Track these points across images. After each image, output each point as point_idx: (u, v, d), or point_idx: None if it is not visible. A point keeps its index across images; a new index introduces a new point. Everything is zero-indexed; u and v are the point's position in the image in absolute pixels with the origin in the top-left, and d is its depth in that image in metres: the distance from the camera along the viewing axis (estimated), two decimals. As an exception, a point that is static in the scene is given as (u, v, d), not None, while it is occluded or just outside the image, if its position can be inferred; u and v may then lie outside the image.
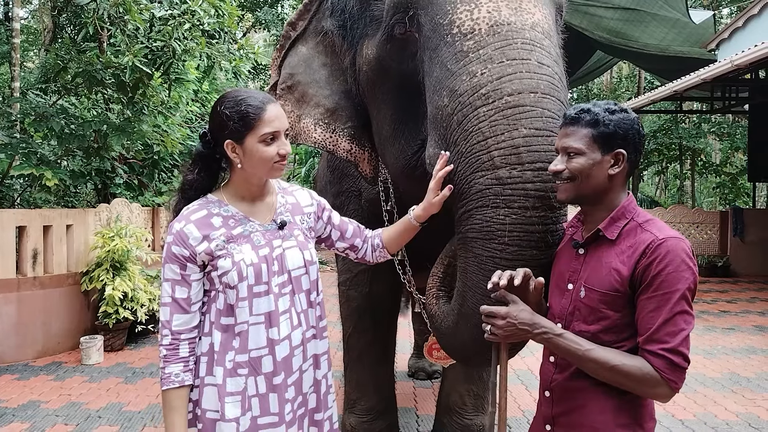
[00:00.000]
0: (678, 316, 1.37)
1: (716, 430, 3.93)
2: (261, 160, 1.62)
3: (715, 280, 10.73)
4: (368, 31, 2.16)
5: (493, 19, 1.68)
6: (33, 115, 5.70)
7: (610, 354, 1.40)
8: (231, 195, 1.71)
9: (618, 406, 1.46)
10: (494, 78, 1.60)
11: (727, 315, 7.77)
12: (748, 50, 7.60)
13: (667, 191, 21.68)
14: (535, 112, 1.55)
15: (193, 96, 9.13)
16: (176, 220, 1.64)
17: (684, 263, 1.38)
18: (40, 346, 5.44)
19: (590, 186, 1.47)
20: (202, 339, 1.65)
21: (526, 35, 1.66)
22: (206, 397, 1.61)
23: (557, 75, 1.66)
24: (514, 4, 1.70)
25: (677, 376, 1.37)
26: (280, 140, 1.63)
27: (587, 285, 1.49)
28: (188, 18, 5.10)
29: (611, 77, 21.41)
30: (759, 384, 4.89)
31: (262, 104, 1.61)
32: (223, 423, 1.58)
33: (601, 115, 1.43)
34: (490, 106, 1.58)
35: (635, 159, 1.48)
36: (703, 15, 12.30)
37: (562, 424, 1.55)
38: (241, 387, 1.61)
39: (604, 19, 11.29)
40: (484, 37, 1.67)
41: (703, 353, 5.83)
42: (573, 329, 1.49)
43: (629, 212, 1.49)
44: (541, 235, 1.57)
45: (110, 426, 3.90)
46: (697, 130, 15.89)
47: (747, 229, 11.27)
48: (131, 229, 5.92)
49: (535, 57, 1.62)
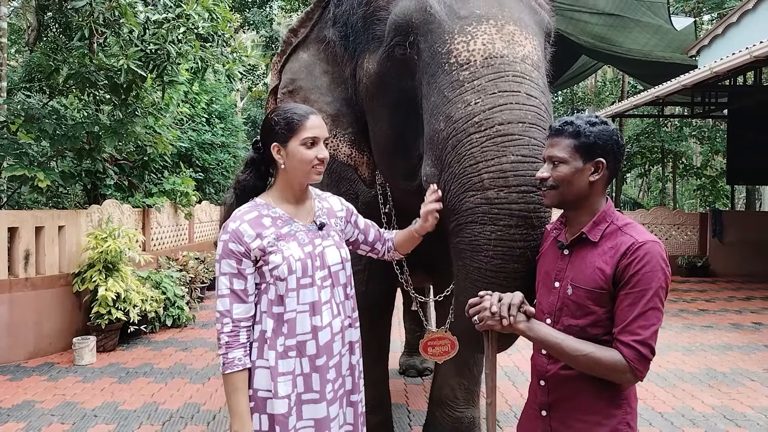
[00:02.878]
0: (650, 312, 1.51)
1: (694, 422, 4.09)
2: (301, 162, 1.82)
3: (695, 279, 11.01)
4: (370, 46, 2.29)
5: (487, 51, 1.84)
6: (23, 116, 5.73)
7: (584, 344, 1.55)
8: (276, 198, 1.90)
9: (609, 390, 1.61)
10: (487, 108, 1.76)
11: (706, 313, 7.99)
12: (726, 58, 7.82)
13: (650, 193, 22.03)
14: (522, 140, 1.72)
15: (183, 97, 9.18)
16: (231, 221, 1.81)
17: (659, 264, 1.53)
18: (32, 347, 5.46)
19: (572, 192, 1.61)
20: (255, 326, 1.83)
21: (517, 68, 1.82)
22: (258, 378, 1.79)
23: (543, 105, 1.82)
24: (506, 36, 1.86)
25: (643, 365, 1.51)
26: (319, 146, 1.84)
27: (574, 283, 1.62)
28: (183, 22, 5.17)
29: (596, 81, 21.71)
30: (734, 378, 5.08)
31: (305, 114, 1.84)
32: (276, 400, 1.77)
33: (582, 127, 1.58)
34: (482, 134, 1.74)
35: (614, 167, 1.63)
36: (685, 22, 12.53)
37: (559, 409, 1.69)
38: (291, 368, 1.80)
39: (589, 25, 11.48)
40: (478, 69, 1.83)
41: (683, 350, 6.02)
42: (562, 324, 1.63)
43: (609, 216, 1.64)
44: (523, 250, 1.72)
45: (107, 425, 3.95)
46: (678, 134, 16.20)
47: (725, 230, 11.55)
48: (124, 230, 5.96)
49: (524, 89, 1.79)
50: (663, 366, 5.42)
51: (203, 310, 7.80)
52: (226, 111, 12.29)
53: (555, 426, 1.69)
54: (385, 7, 2.21)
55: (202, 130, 11.07)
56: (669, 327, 7.07)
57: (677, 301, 8.91)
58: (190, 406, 4.31)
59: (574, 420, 1.65)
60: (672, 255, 11.50)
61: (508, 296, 1.60)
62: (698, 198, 18.00)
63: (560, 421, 1.68)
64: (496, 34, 1.86)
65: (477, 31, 1.88)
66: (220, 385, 4.76)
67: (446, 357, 2.71)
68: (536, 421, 1.75)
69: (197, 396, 4.52)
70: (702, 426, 4.02)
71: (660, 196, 19.07)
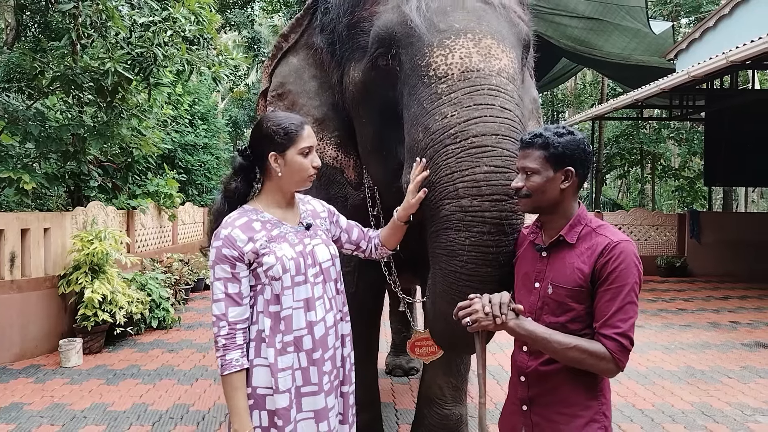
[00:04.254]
0: (628, 306, 1.63)
1: (673, 418, 4.21)
2: (299, 171, 1.91)
3: (674, 279, 11.20)
4: (355, 54, 2.37)
5: (464, 65, 1.93)
6: (6, 119, 5.70)
7: (570, 338, 1.65)
8: (264, 204, 1.97)
9: (585, 384, 1.72)
10: (462, 120, 1.85)
11: (684, 313, 8.17)
12: (703, 62, 8.02)
13: (629, 194, 22.33)
14: (495, 151, 1.81)
15: (167, 99, 9.16)
16: (222, 227, 1.87)
17: (633, 262, 1.65)
18: (18, 349, 5.44)
19: (546, 199, 1.72)
20: (251, 327, 1.89)
21: (493, 81, 1.91)
22: (256, 376, 1.85)
23: (517, 118, 1.91)
24: (484, 50, 1.95)
25: (624, 356, 1.62)
26: (313, 154, 1.93)
27: (554, 283, 1.72)
28: (169, 25, 5.19)
29: (576, 84, 21.96)
30: (712, 376, 5.22)
31: (301, 124, 1.92)
32: (278, 395, 1.84)
33: (551, 139, 1.68)
34: (457, 145, 1.84)
35: (583, 173, 1.74)
36: (663, 26, 12.76)
37: (539, 403, 1.78)
38: (290, 363, 1.87)
39: (568, 28, 11.64)
40: (456, 82, 1.92)
41: (662, 348, 6.16)
42: (543, 322, 1.73)
43: (584, 219, 1.75)
44: (495, 255, 1.82)
45: (96, 425, 3.97)
46: (657, 136, 16.44)
47: (703, 231, 11.77)
48: (110, 232, 5.96)
49: (499, 102, 1.88)
50: (643, 364, 5.55)
51: (188, 312, 7.80)
52: (209, 112, 12.28)
53: (535, 420, 1.78)
54: (369, 18, 2.28)
55: (185, 131, 11.05)
56: (648, 326, 7.23)
57: (656, 300, 9.10)
58: (179, 406, 4.34)
59: (554, 413, 1.74)
60: (651, 255, 11.70)
61: (497, 296, 1.68)
62: (676, 199, 18.31)
63: (540, 414, 1.77)
64: (474, 47, 1.94)
65: (455, 45, 1.96)
66: (208, 386, 4.79)
67: (433, 357, 2.78)
68: (517, 415, 1.84)
69: (186, 397, 4.54)
70: (681, 422, 4.13)
71: (639, 197, 19.37)
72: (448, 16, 2.02)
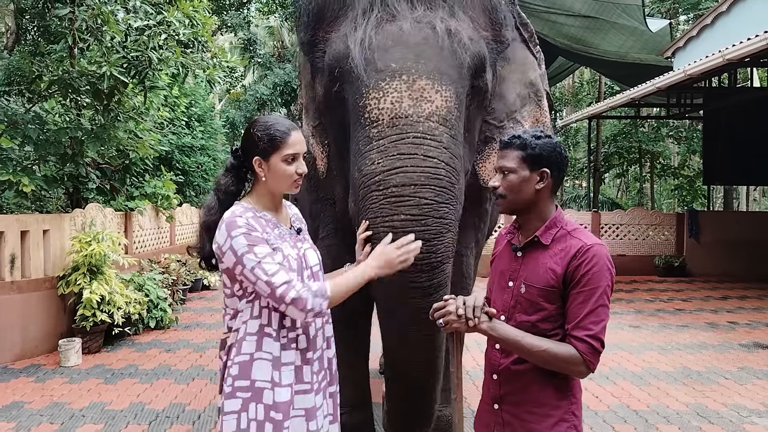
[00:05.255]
0: (600, 308, 1.67)
1: (668, 419, 4.22)
2: (282, 177, 1.91)
3: (672, 279, 11.18)
4: (318, 71, 2.47)
5: (394, 111, 2.02)
6: (6, 122, 5.74)
7: (541, 341, 1.69)
8: (260, 205, 1.97)
9: (555, 383, 1.76)
10: (386, 169, 1.99)
11: (682, 313, 8.16)
12: (700, 60, 8.02)
13: (628, 193, 22.32)
14: (412, 201, 1.95)
15: (163, 101, 9.19)
16: (235, 217, 1.85)
17: (606, 265, 1.70)
18: (19, 349, 5.49)
19: (521, 199, 1.78)
20: (250, 322, 1.89)
21: (419, 128, 2.00)
22: (256, 370, 1.86)
23: (442, 162, 2.00)
24: (416, 93, 2.01)
25: (595, 358, 1.66)
26: (298, 161, 1.92)
27: (527, 282, 1.77)
28: (164, 28, 5.22)
29: (573, 82, 21.94)
30: (708, 377, 5.22)
31: (287, 130, 1.90)
32: (279, 388, 1.86)
33: (528, 140, 1.74)
34: (380, 193, 1.99)
35: (558, 176, 1.79)
36: (660, 23, 12.76)
37: (509, 402, 1.82)
38: (292, 359, 1.90)
39: (564, 26, 11.66)
40: (384, 128, 2.03)
41: (658, 349, 6.17)
42: (515, 320, 1.78)
43: (560, 222, 1.80)
44: (415, 289, 2.00)
45: (94, 424, 4.01)
46: (655, 134, 16.41)
47: (702, 230, 11.74)
48: (107, 234, 6.00)
49: (422, 151, 1.98)
50: (638, 365, 5.56)
51: (186, 312, 7.84)
52: (205, 114, 12.31)
53: (506, 418, 1.82)
54: (323, 40, 2.36)
55: (182, 133, 11.09)
56: (645, 326, 7.25)
57: (654, 300, 9.10)
58: (175, 406, 4.38)
59: (524, 412, 1.78)
60: (649, 255, 11.72)
61: (471, 299, 1.74)
62: (676, 198, 18.30)
63: (511, 413, 1.81)
64: (406, 91, 2.01)
65: (389, 88, 2.03)
66: (204, 385, 4.84)
67: None
68: (489, 414, 1.88)
69: (182, 396, 4.58)
70: (676, 423, 4.14)
71: (638, 197, 19.36)
72: (387, 54, 2.08)
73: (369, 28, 2.12)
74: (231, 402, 1.86)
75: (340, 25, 2.29)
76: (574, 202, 18.76)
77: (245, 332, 1.89)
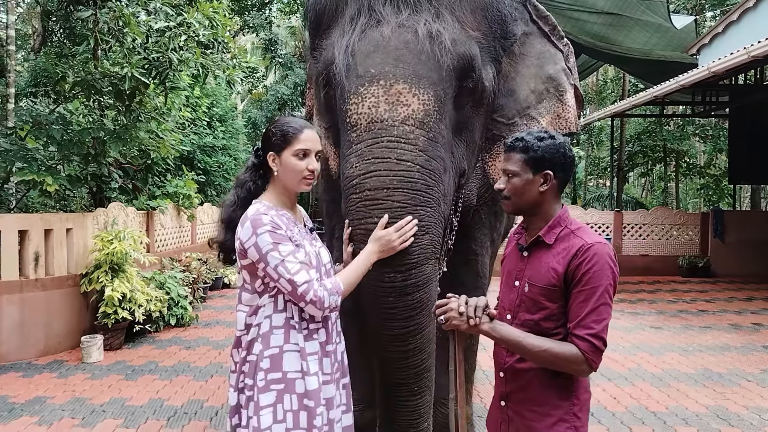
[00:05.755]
0: (601, 307, 1.67)
1: (686, 421, 4.17)
2: (293, 171, 1.97)
3: (696, 280, 11.01)
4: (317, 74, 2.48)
5: (370, 116, 2.05)
6: (31, 123, 5.87)
7: (543, 341, 1.70)
8: (276, 203, 2.04)
9: (558, 383, 1.76)
10: (361, 173, 2.03)
11: (705, 314, 8.04)
12: (724, 57, 7.86)
13: (653, 193, 22.00)
14: (385, 204, 1.99)
15: (185, 101, 9.32)
16: (260, 214, 1.92)
17: (607, 264, 1.69)
18: (42, 345, 5.62)
19: (525, 201, 1.80)
20: (275, 315, 1.95)
21: (394, 132, 2.02)
22: (286, 361, 1.92)
23: (417, 165, 2.02)
24: (392, 98, 2.04)
25: (597, 356, 1.66)
26: (310, 158, 1.98)
27: (530, 281, 1.79)
28: (184, 30, 5.30)
29: (597, 80, 21.69)
30: (730, 379, 5.14)
31: (300, 127, 1.99)
32: (308, 377, 1.92)
33: (531, 143, 1.76)
34: (357, 196, 2.04)
35: (563, 177, 1.80)
36: (685, 20, 12.54)
37: (514, 399, 1.84)
38: (316, 349, 1.98)
39: (587, 24, 11.53)
40: (362, 133, 2.07)
41: (679, 350, 6.09)
42: (519, 319, 1.80)
43: (563, 221, 1.81)
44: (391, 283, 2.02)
45: (114, 419, 4.09)
46: (681, 133, 16.15)
47: (727, 230, 11.54)
48: (129, 233, 6.10)
49: (396, 155, 2.01)
50: (659, 366, 5.49)
51: (206, 310, 7.93)
52: (227, 114, 12.44)
53: (511, 415, 1.84)
54: (319, 47, 2.40)
55: (204, 133, 11.22)
56: (667, 328, 7.15)
57: (677, 301, 8.98)
58: (193, 402, 4.44)
59: (526, 410, 1.79)
60: (673, 255, 11.55)
61: (474, 299, 1.75)
62: (702, 197, 18.00)
63: (515, 410, 1.83)
64: (383, 95, 2.04)
65: (367, 93, 2.06)
66: (222, 382, 4.90)
67: None
68: (497, 411, 1.91)
69: (200, 393, 4.65)
70: (695, 425, 4.09)
71: (663, 196, 19.07)
72: (368, 59, 2.10)
73: (354, 35, 2.16)
74: (266, 396, 1.90)
75: (332, 32, 2.32)
76: (598, 201, 18.52)
77: (271, 326, 1.94)
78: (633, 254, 11.65)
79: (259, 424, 1.88)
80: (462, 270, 3.03)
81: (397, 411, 2.19)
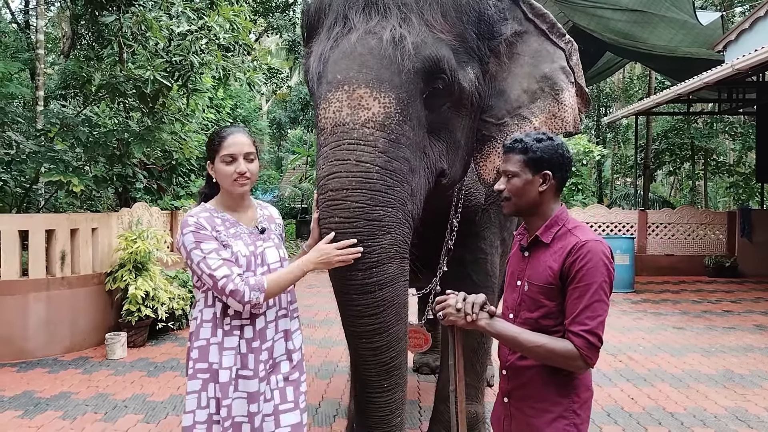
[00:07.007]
0: (596, 304, 1.69)
1: (704, 422, 4.12)
2: (223, 176, 2.15)
3: (722, 280, 10.83)
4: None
5: (334, 120, 2.12)
6: (58, 125, 6.04)
7: (539, 337, 1.73)
8: (221, 205, 2.23)
9: (558, 380, 1.79)
10: (325, 175, 2.11)
11: (730, 315, 7.91)
12: (749, 54, 7.73)
13: (681, 192, 21.63)
14: (344, 205, 2.05)
15: (209, 103, 9.46)
16: (187, 216, 2.13)
17: (601, 261, 1.71)
18: (68, 342, 5.78)
19: (525, 201, 1.84)
20: (206, 310, 2.14)
21: (354, 135, 2.08)
22: (212, 353, 2.10)
23: (376, 166, 2.06)
24: (354, 102, 2.10)
25: (592, 353, 1.69)
26: (237, 162, 2.13)
27: (529, 280, 1.83)
28: (205, 33, 5.40)
29: (623, 77, 21.40)
30: (752, 380, 5.06)
31: (226, 134, 2.17)
32: (221, 370, 2.08)
33: (530, 144, 1.80)
34: (322, 197, 2.12)
35: (562, 177, 1.84)
36: (711, 16, 12.36)
37: (516, 396, 1.88)
38: (234, 344, 2.12)
39: (611, 21, 11.43)
40: (327, 136, 2.14)
41: (701, 351, 6.00)
42: (521, 317, 1.84)
43: (561, 220, 1.84)
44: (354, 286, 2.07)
45: (136, 414, 4.20)
46: (709, 130, 15.86)
47: (755, 229, 11.33)
48: (152, 232, 6.23)
49: (355, 156, 2.06)
50: (679, 367, 5.43)
51: (230, 308, 8.02)
52: (251, 115, 12.59)
53: (513, 411, 1.88)
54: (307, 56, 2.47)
55: (227, 134, 11.36)
56: (690, 328, 7.06)
57: (702, 302, 8.84)
58: (213, 399, 4.52)
59: (526, 406, 1.83)
60: (699, 255, 11.37)
61: (473, 296, 1.79)
62: (731, 196, 17.65)
63: (516, 407, 1.87)
64: (346, 100, 2.10)
65: (333, 98, 2.12)
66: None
67: (420, 349, 3.01)
68: (501, 407, 1.95)
69: (220, 390, 4.73)
70: (713, 426, 4.04)
71: (690, 195, 18.75)
72: (336, 66, 2.16)
73: (328, 44, 2.23)
74: (192, 383, 2.10)
75: (314, 42, 2.40)
76: (624, 200, 18.29)
77: (202, 319, 2.13)
78: (658, 254, 11.50)
79: (185, 407, 2.11)
80: (471, 269, 3.06)
81: (368, 406, 2.23)
